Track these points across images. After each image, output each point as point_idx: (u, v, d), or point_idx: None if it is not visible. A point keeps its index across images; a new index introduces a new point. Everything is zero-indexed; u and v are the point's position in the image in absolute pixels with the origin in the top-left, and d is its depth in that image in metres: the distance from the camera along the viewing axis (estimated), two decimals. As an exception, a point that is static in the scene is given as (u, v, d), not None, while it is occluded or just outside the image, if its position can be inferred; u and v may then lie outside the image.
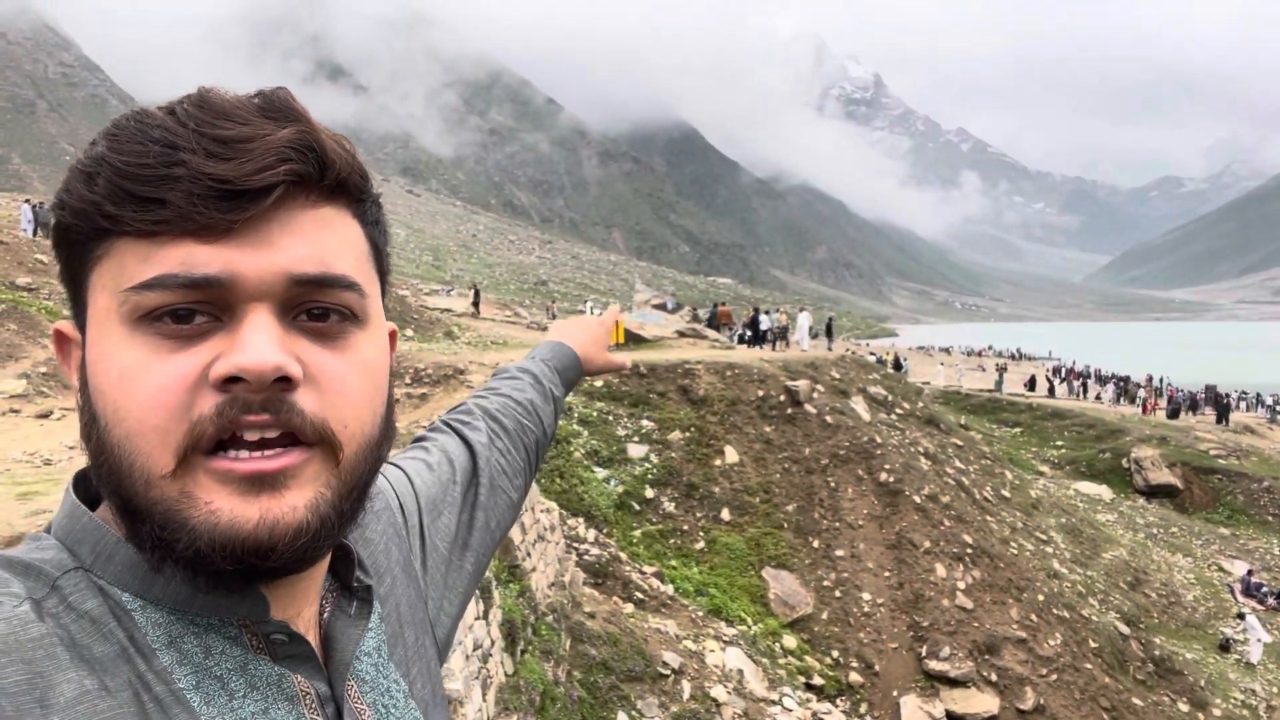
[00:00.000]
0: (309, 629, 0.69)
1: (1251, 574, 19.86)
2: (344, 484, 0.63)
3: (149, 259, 0.57)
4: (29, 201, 26.31)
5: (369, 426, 0.64)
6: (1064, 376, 53.90)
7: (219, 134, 0.58)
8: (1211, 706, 13.60)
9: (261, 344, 0.57)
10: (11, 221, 23.16)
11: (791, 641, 11.41)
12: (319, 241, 0.61)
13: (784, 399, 15.09)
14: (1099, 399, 44.43)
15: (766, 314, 26.12)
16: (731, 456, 13.95)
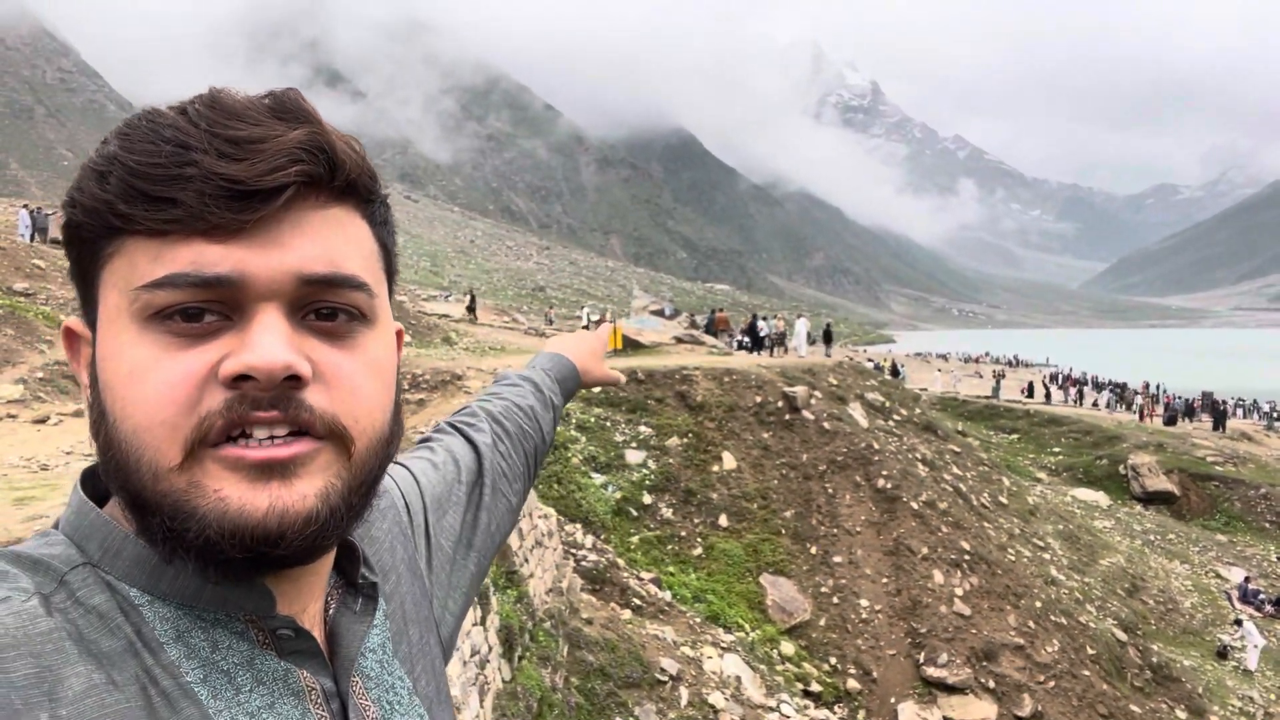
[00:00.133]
0: (314, 625, 0.70)
1: (1249, 581, 19.87)
2: (354, 477, 0.63)
3: (160, 258, 0.58)
4: (27, 207, 26.29)
5: (379, 423, 0.65)
6: (1061, 383, 53.98)
7: (230, 134, 0.58)
8: (1209, 714, 13.60)
9: (271, 343, 0.58)
10: (9, 227, 23.14)
11: (789, 648, 11.40)
12: (329, 242, 0.62)
13: (782, 405, 15.10)
14: (1095, 405, 44.49)
15: (764, 320, 26.14)
16: (729, 463, 13.95)
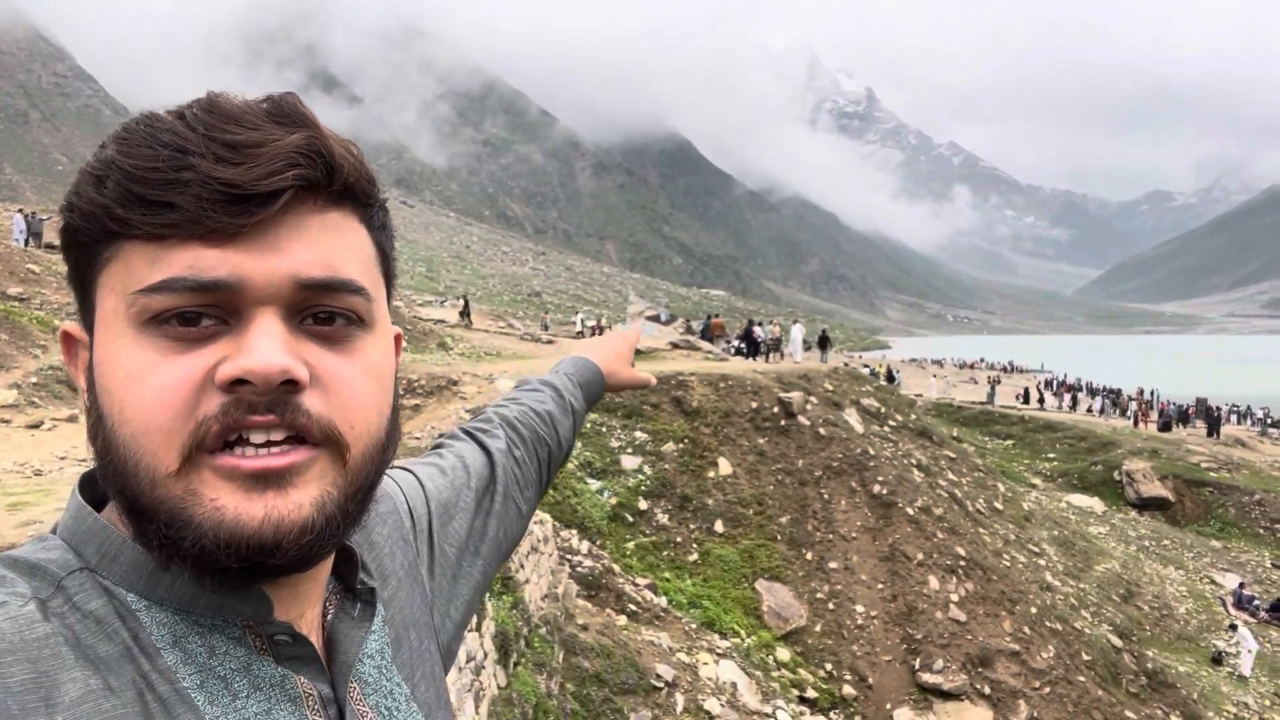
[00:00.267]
0: (312, 630, 0.70)
1: (1243, 587, 19.91)
2: (350, 484, 0.63)
3: (157, 262, 0.58)
4: (22, 211, 26.24)
5: (375, 428, 0.65)
6: (1056, 389, 54.13)
7: (228, 139, 0.58)
8: None
9: (268, 347, 0.58)
10: (3, 232, 23.09)
11: (785, 654, 11.38)
12: (326, 246, 0.62)
13: (777, 411, 15.10)
14: (1090, 411, 44.61)
15: (760, 326, 26.18)
16: (725, 468, 13.95)
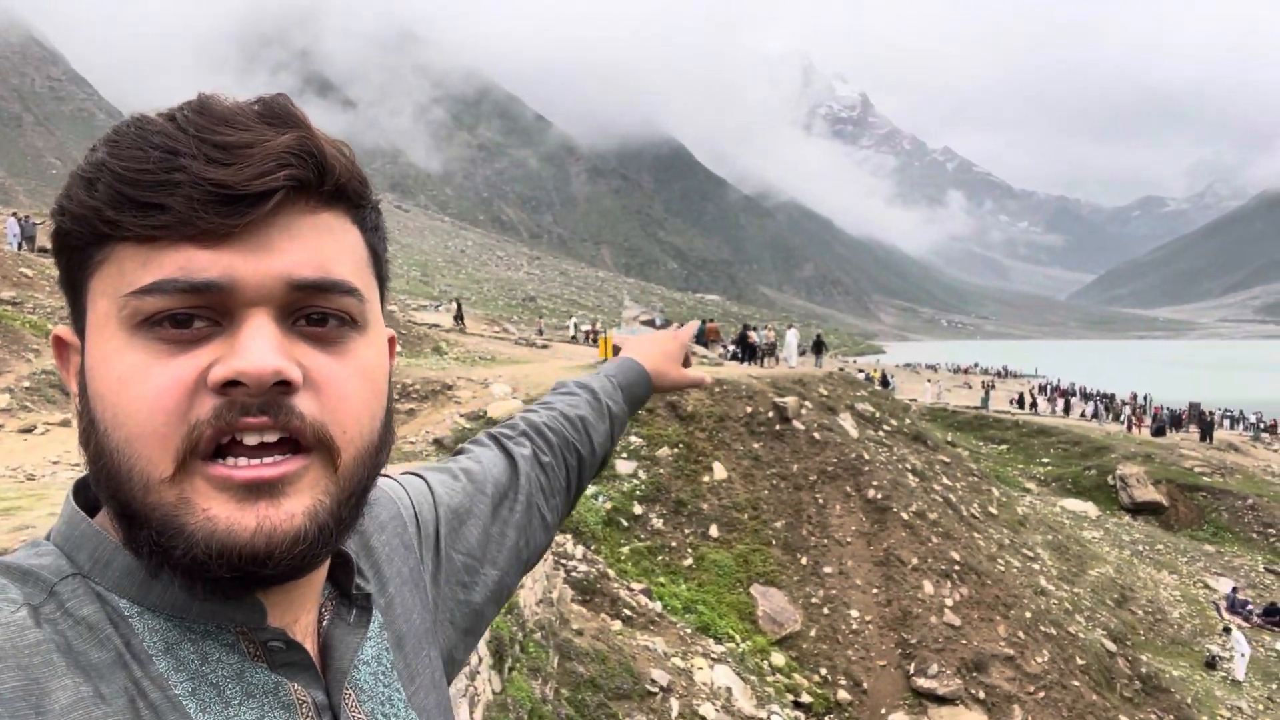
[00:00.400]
0: (307, 636, 0.69)
1: (1236, 591, 19.95)
2: (342, 490, 0.62)
3: (148, 264, 0.57)
4: (15, 215, 26.16)
5: (368, 431, 0.64)
6: (1050, 394, 54.29)
7: (219, 140, 0.58)
8: (1198, 724, 13.63)
9: (260, 348, 0.57)
10: (-4, 235, 22.99)
11: (780, 659, 11.37)
12: (318, 247, 0.61)
13: (772, 415, 15.11)
14: (1083, 416, 44.74)
15: (754, 330, 26.20)
16: (720, 473, 13.94)
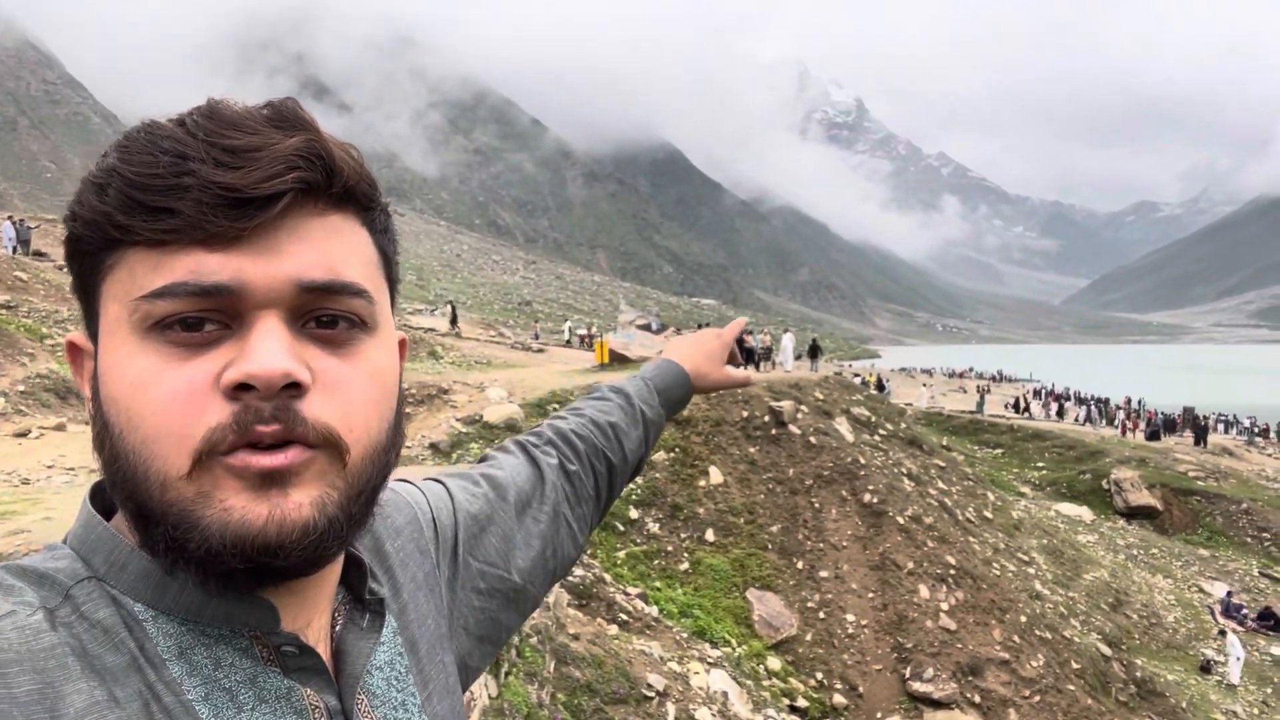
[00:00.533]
0: (320, 641, 0.69)
1: (1231, 595, 20.00)
2: (350, 486, 0.62)
3: (159, 268, 0.58)
4: (11, 219, 26.12)
5: (376, 432, 0.65)
6: (1044, 399, 54.42)
7: (228, 143, 0.58)
8: (1193, 728, 13.65)
9: (270, 351, 0.58)
10: (-9, 239, 22.94)
11: (776, 663, 11.38)
12: (327, 249, 0.62)
13: (768, 420, 15.13)
14: (1078, 420, 44.85)
15: (751, 334, 26.22)
16: (716, 477, 13.95)
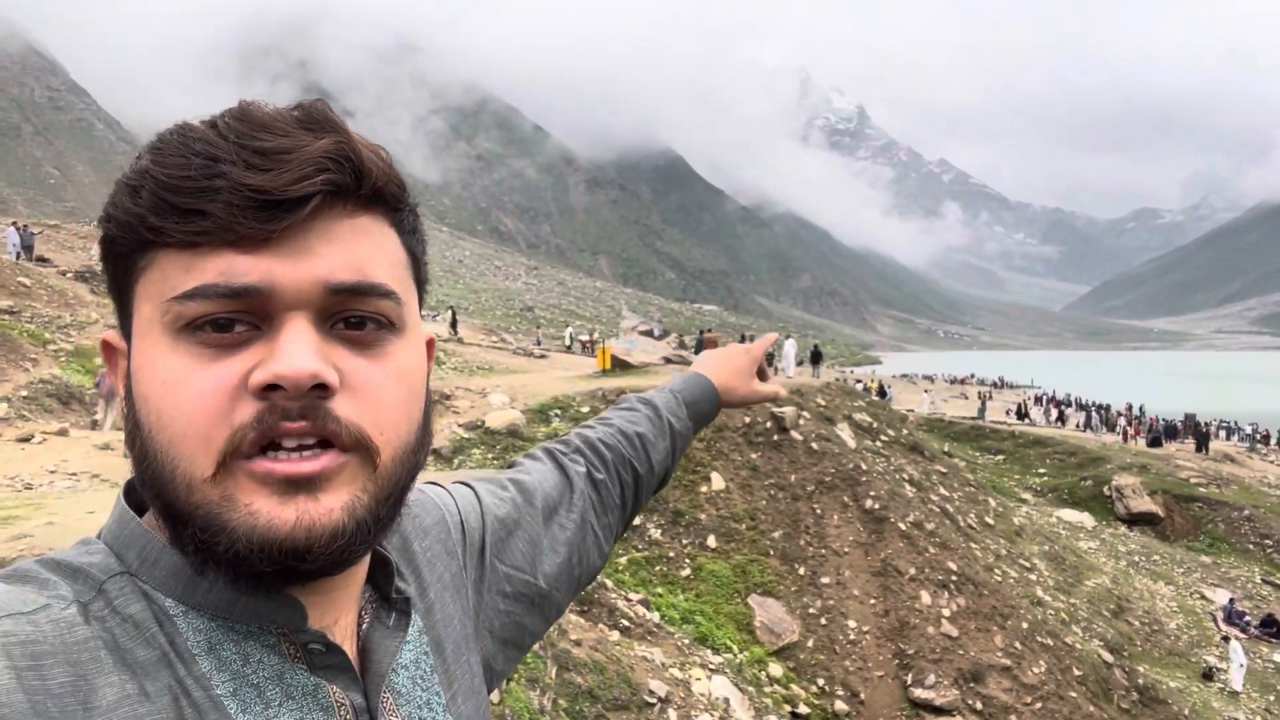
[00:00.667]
0: (346, 638, 0.70)
1: (1233, 602, 19.96)
2: (380, 489, 0.63)
3: (190, 269, 0.58)
4: (15, 225, 26.20)
5: (405, 433, 0.65)
6: (1045, 405, 54.39)
7: (258, 145, 0.59)
8: (1195, 735, 13.62)
9: (298, 352, 0.58)
10: (-5, 244, 23.02)
11: (777, 669, 11.37)
12: (356, 250, 0.62)
13: (770, 426, 15.13)
14: (1078, 426, 44.82)
15: (753, 339, 26.22)
16: (718, 483, 13.96)
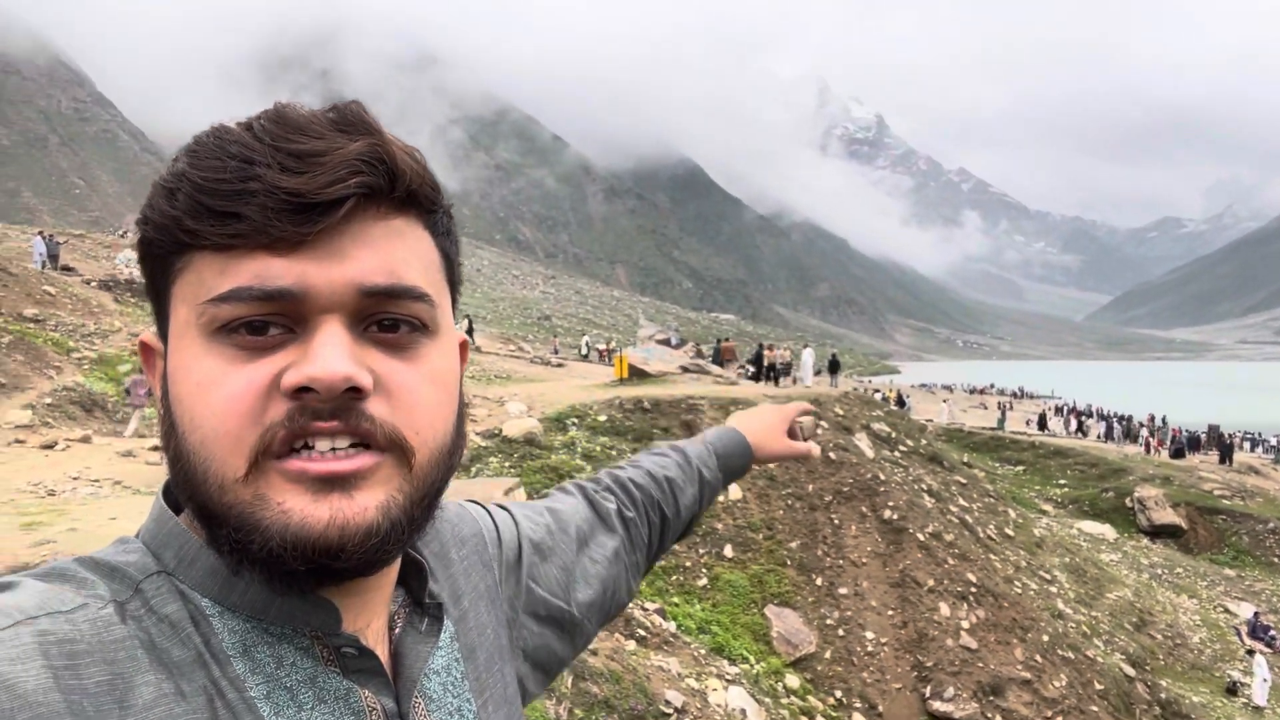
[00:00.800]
0: (378, 642, 0.70)
1: (1258, 616, 19.69)
2: (416, 489, 0.63)
3: (225, 272, 0.59)
4: (42, 234, 26.57)
5: (440, 434, 0.65)
6: (1065, 415, 53.93)
7: (293, 148, 0.59)
8: (1220, 751, 13.43)
9: (332, 355, 0.58)
10: (22, 254, 23.39)
11: (794, 681, 11.31)
12: (389, 253, 0.62)
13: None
14: (1100, 438, 44.42)
15: (772, 349, 26.20)
16: (734, 492, 13.92)
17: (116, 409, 14.00)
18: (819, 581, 12.90)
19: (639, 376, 20.07)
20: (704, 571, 12.65)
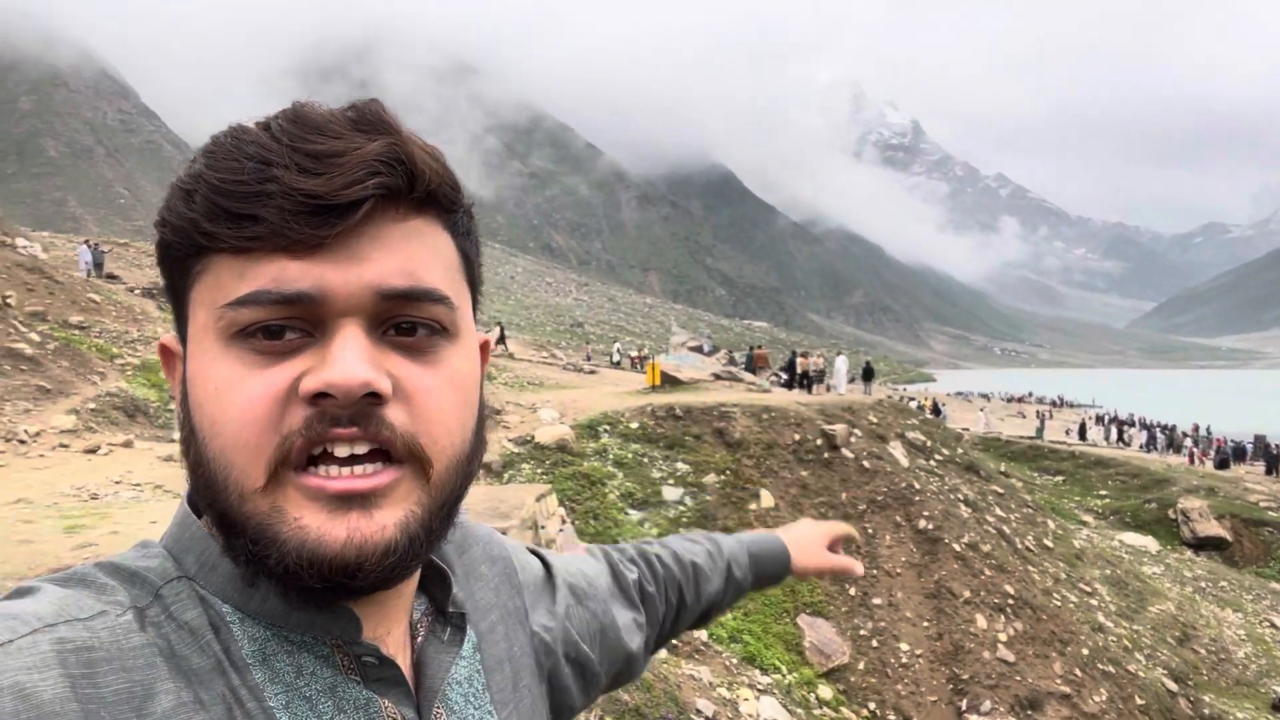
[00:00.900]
0: (399, 651, 0.69)
1: (1307, 632, 19.19)
2: (434, 500, 0.62)
3: (243, 275, 0.58)
4: (87, 242, 27.22)
5: (459, 441, 0.64)
6: (1106, 424, 53.03)
7: (311, 149, 0.58)
8: (1267, 770, 13.09)
9: (350, 360, 0.57)
10: (68, 262, 23.92)
11: (827, 692, 11.21)
12: (408, 255, 0.61)
13: (821, 443, 14.99)
14: (1142, 447, 43.62)
15: (805, 356, 26.07)
16: (767, 500, 13.85)
17: (159, 414, 14.26)
18: (852, 591, 12.78)
19: (671, 384, 20.05)
20: (736, 580, 12.59)
